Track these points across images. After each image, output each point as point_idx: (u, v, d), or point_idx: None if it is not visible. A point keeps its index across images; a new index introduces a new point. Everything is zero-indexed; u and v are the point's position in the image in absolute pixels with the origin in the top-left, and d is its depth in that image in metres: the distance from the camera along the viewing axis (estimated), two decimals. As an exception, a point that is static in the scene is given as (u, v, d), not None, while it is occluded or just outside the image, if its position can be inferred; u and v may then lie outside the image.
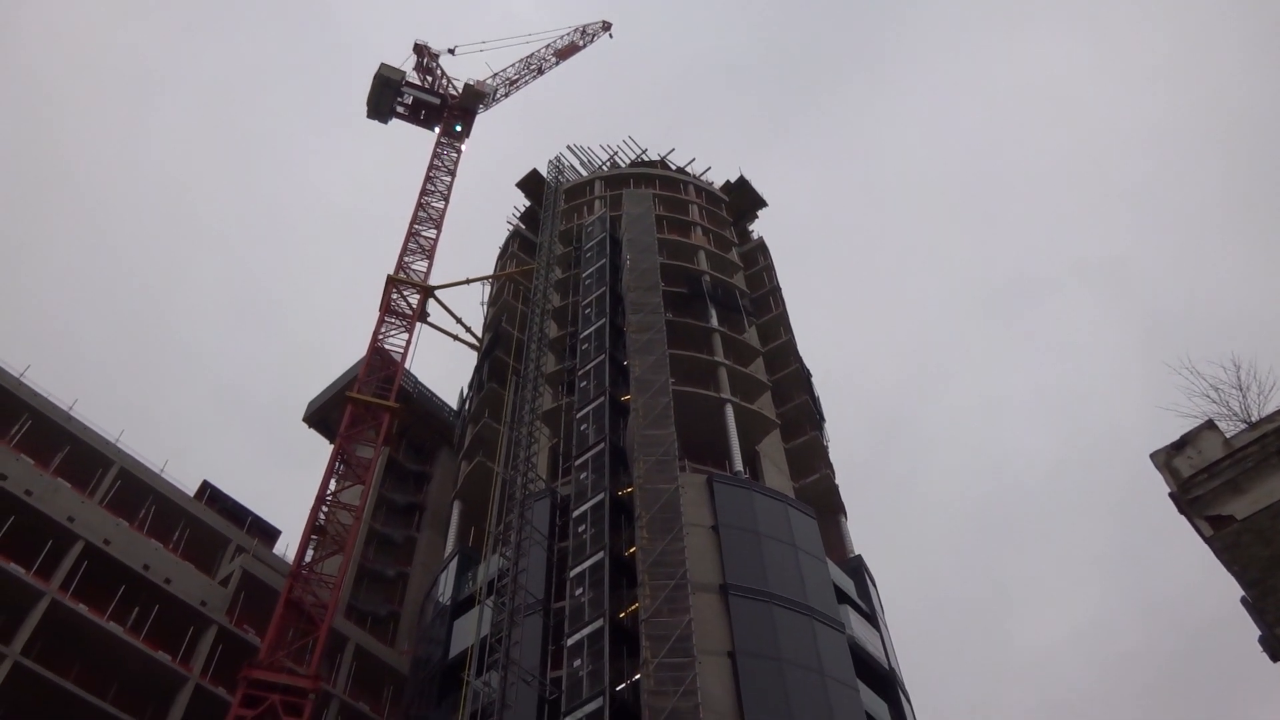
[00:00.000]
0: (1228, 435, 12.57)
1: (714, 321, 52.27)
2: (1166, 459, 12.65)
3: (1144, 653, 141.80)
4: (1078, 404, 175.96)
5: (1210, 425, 12.77)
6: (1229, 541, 11.42)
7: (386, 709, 47.18)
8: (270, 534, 54.02)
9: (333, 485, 47.48)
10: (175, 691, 39.97)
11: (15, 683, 35.34)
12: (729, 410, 46.26)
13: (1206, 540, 12.11)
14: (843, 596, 39.48)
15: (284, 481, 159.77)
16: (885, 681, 38.60)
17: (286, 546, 52.54)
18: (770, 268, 62.46)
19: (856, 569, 43.69)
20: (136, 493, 45.98)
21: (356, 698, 46.02)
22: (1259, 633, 11.58)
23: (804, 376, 54.58)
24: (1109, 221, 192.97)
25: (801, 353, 55.92)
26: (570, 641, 34.05)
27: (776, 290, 60.02)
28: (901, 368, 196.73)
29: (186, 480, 51.52)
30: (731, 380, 48.41)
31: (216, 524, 48.98)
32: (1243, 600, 11.58)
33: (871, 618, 41.15)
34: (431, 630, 43.42)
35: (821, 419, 53.96)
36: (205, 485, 52.55)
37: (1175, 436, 13.02)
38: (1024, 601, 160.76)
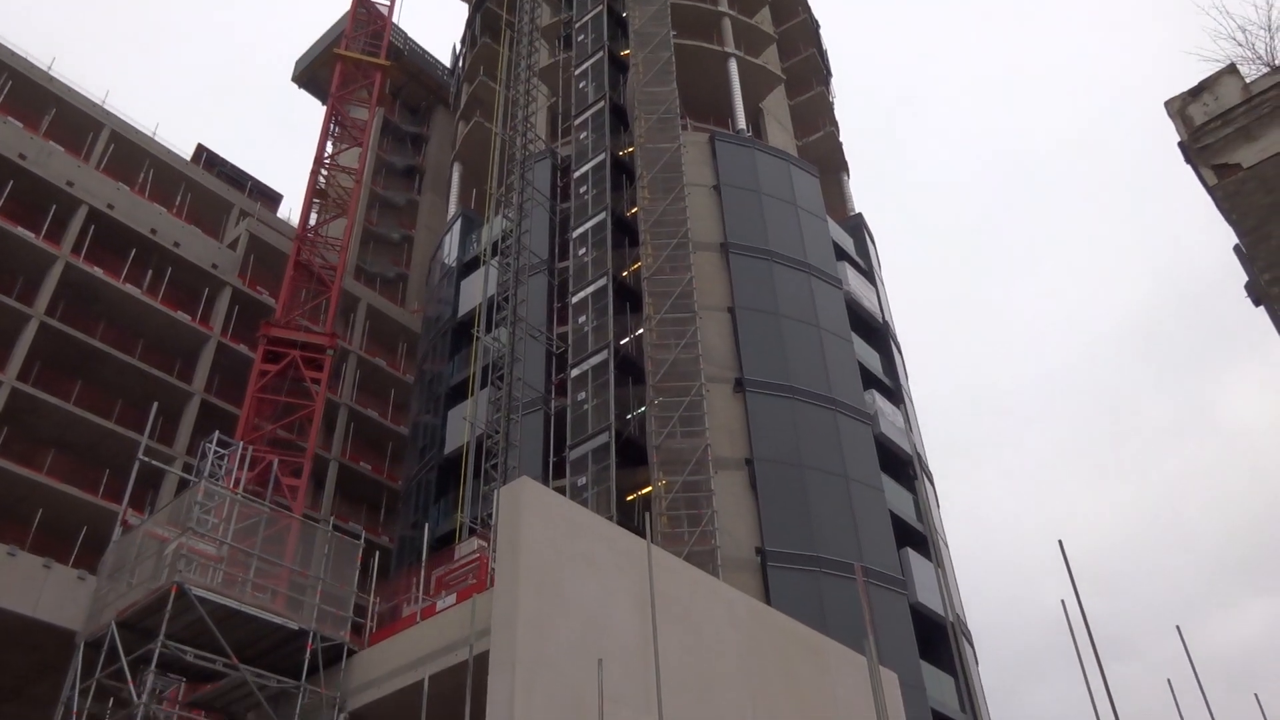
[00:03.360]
0: (1248, 80, 12.09)
1: (718, -32, 48.92)
2: (1181, 106, 12.26)
3: (1136, 319, 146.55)
4: (1099, 74, 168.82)
5: (1231, 70, 12.24)
6: (1232, 190, 11.34)
7: (402, 364, 49.65)
8: (272, 198, 54.05)
9: (330, 148, 46.82)
10: (199, 349, 41.86)
11: (46, 341, 36.94)
12: (732, 65, 44.53)
13: (1210, 190, 12.02)
14: (841, 254, 40.17)
15: (280, 150, 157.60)
16: (879, 335, 40.23)
17: (289, 211, 52.92)
18: (780, -95, 57.48)
19: (856, 227, 44.11)
20: (132, 157, 45.47)
21: (372, 354, 48.28)
22: (1246, 280, 11.82)
23: (812, 27, 52.01)
24: None
25: (810, 2, 52.86)
26: (575, 299, 35.14)
27: (786, -69, 55.63)
28: (916, 31, 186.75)
29: (180, 146, 50.66)
30: (735, 32, 46.16)
31: (217, 188, 48.88)
32: (1236, 249, 11.70)
33: (869, 274, 42.12)
34: (439, 291, 44.68)
35: (828, 73, 52.09)
36: (201, 149, 51.86)
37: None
38: (1021, 273, 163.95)
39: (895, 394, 38.77)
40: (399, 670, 19.01)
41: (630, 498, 30.82)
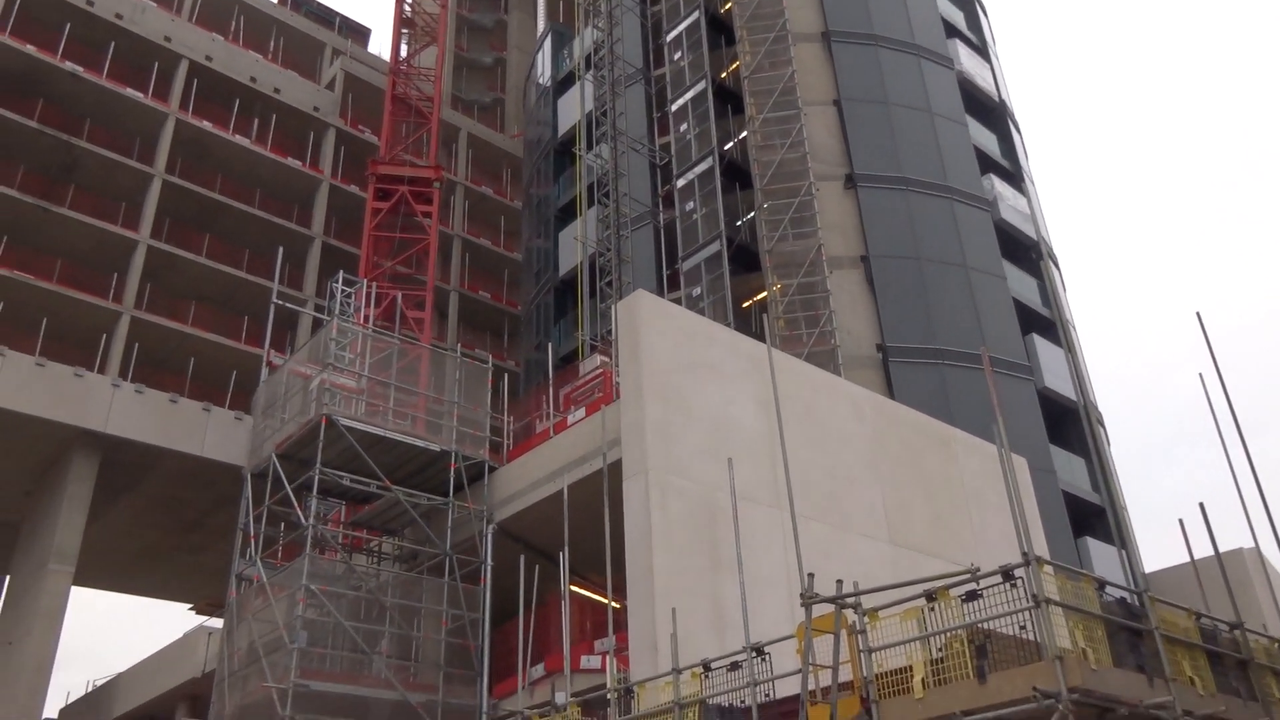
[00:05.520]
0: None
1: None
2: None
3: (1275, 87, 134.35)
4: None
5: None
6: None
7: (508, 190, 49.84)
8: (361, 33, 53.60)
9: (411, -26, 45.65)
10: (313, 194, 42.82)
11: (170, 199, 38.34)
12: None
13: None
14: (951, 30, 37.70)
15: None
16: (995, 115, 38.17)
17: (379, 45, 52.35)
18: None
19: (967, -1, 41.19)
20: (221, 6, 45.46)
21: (478, 183, 48.52)
22: None
23: None
24: None
25: None
26: (674, 107, 34.27)
27: None
28: None
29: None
30: None
31: (308, 29, 48.66)
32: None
33: (981, 50, 39.58)
34: (537, 112, 44.14)
35: None
36: (285, -9, 51.37)
37: None
38: (1149, 30, 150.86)
39: (1015, 177, 37.07)
40: (538, 482, 20.02)
41: (746, 304, 30.86)
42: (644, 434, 16.63)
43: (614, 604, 15.98)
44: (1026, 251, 35.05)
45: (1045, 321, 33.09)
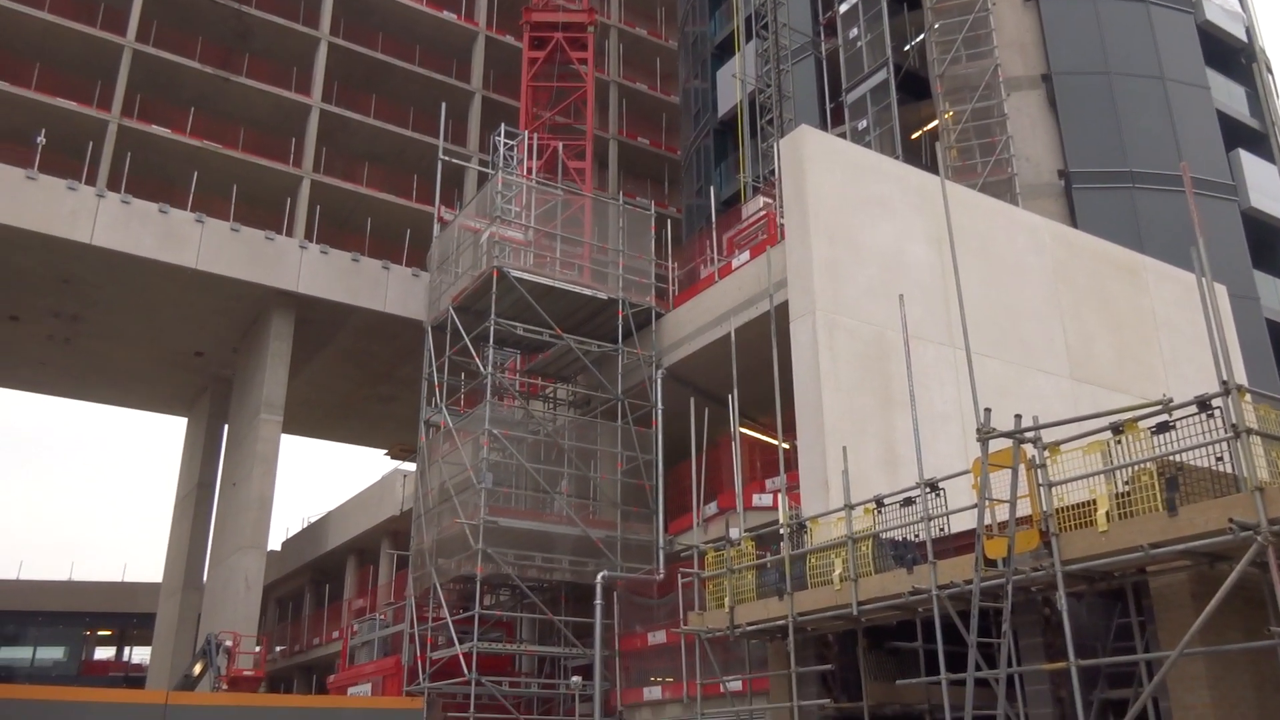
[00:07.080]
0: None
1: None
2: None
3: None
4: None
5: None
6: None
7: (663, 30, 48.43)
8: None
9: None
10: (470, 48, 42.89)
11: (336, 62, 39.23)
12: None
13: None
14: None
15: None
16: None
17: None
18: None
19: None
20: None
21: (631, 24, 47.33)
22: None
23: None
24: None
25: None
26: (834, -75, 32.08)
27: None
28: None
29: None
30: None
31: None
32: None
33: None
34: (689, -57, 42.24)
35: None
36: None
37: None
38: None
39: (1224, -29, 33.18)
40: (705, 327, 20.13)
41: (915, 135, 29.38)
42: (811, 274, 16.35)
43: (784, 444, 16.14)
44: (1235, 56, 31.71)
45: (1254, 134, 30.16)
